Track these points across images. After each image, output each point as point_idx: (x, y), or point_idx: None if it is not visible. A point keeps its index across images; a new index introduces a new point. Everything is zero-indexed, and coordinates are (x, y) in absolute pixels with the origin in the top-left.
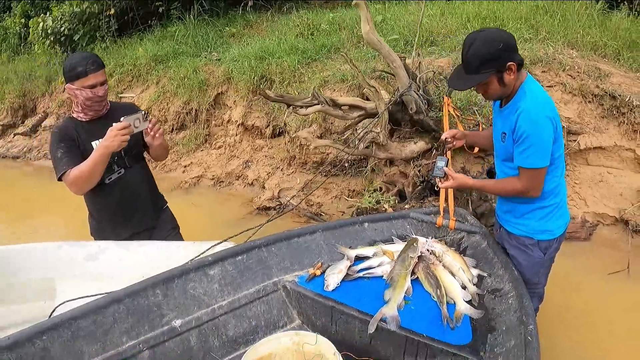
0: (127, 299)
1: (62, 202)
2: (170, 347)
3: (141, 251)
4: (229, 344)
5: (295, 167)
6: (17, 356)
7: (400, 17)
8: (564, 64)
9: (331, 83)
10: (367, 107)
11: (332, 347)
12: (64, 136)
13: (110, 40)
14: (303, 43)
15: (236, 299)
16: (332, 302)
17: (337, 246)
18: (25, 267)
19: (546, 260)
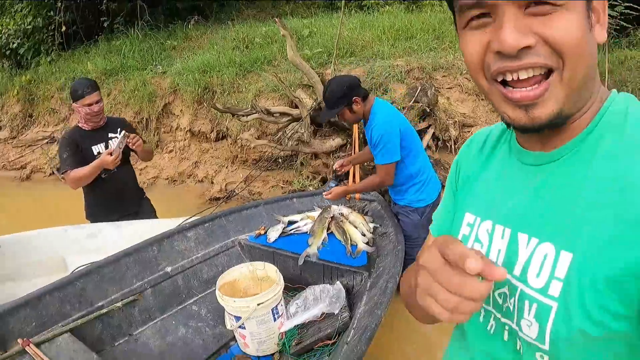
0: (134, 253)
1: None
2: (165, 286)
3: (131, 228)
4: (204, 284)
5: (238, 165)
6: (66, 293)
7: (325, 31)
8: (462, 68)
9: (265, 92)
10: (293, 113)
11: (275, 268)
12: (70, 142)
13: (55, 54)
14: (239, 56)
15: (207, 253)
16: (273, 249)
17: (274, 215)
18: (38, 248)
19: (423, 221)
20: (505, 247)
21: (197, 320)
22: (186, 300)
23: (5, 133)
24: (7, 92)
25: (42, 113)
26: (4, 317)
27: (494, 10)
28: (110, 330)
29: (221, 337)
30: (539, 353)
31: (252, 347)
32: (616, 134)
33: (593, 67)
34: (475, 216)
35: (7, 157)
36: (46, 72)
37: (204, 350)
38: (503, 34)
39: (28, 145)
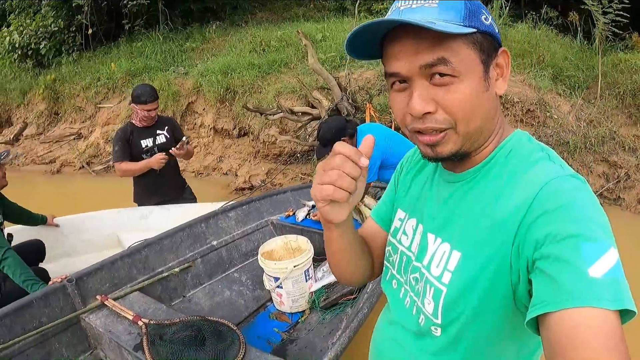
0: (187, 228)
1: (48, 201)
2: (211, 257)
3: (177, 210)
4: (243, 256)
5: (260, 159)
6: (133, 260)
7: (337, 35)
8: None
9: (284, 93)
10: (313, 113)
11: (306, 239)
12: (122, 137)
13: (76, 54)
14: (257, 59)
15: (245, 230)
16: (301, 227)
17: (300, 200)
18: (93, 228)
19: None
20: (419, 241)
21: (238, 285)
22: (229, 269)
23: (33, 130)
24: (31, 91)
25: (68, 111)
26: (84, 279)
27: (409, 80)
28: (168, 292)
29: (259, 298)
30: (434, 326)
31: (287, 305)
32: (503, 165)
33: (489, 117)
34: (405, 213)
35: (35, 152)
36: (70, 72)
37: (245, 309)
38: (412, 103)
39: (55, 141)
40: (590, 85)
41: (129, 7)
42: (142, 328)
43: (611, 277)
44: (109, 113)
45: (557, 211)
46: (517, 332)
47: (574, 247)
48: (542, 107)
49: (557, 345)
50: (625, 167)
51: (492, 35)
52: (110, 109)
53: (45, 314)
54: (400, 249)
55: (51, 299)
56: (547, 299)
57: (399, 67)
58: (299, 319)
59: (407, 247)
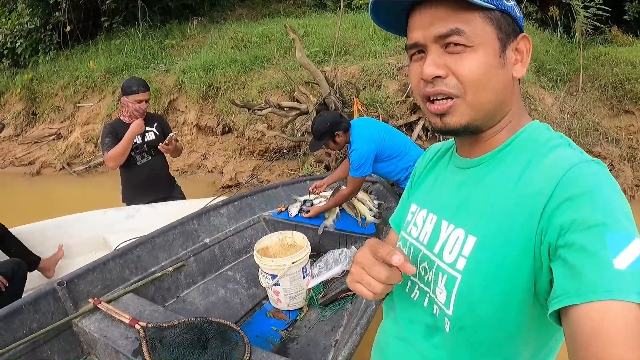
0: (179, 226)
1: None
2: (204, 255)
3: (165, 208)
4: (236, 253)
5: (245, 156)
6: (125, 260)
7: (320, 30)
8: None
9: (268, 89)
10: (301, 108)
11: (302, 235)
12: (112, 131)
13: (53, 53)
14: (239, 55)
15: (237, 227)
16: (294, 222)
17: (291, 195)
18: (79, 230)
19: None
20: (431, 230)
21: (233, 283)
22: (222, 267)
23: (10, 131)
24: (8, 91)
25: (46, 111)
26: (74, 281)
27: (425, 48)
28: (161, 292)
29: (255, 296)
30: (446, 317)
31: (284, 302)
32: (521, 150)
33: (502, 96)
34: (417, 206)
35: (13, 153)
36: (48, 71)
37: (241, 307)
38: (424, 66)
39: (34, 142)
40: (572, 78)
41: (107, 4)
42: (140, 332)
43: (636, 269)
44: (88, 112)
45: (582, 197)
46: (537, 328)
47: (599, 237)
48: (526, 99)
49: (580, 339)
50: (609, 157)
51: (513, 17)
52: (90, 107)
53: (35, 320)
54: (409, 241)
55: (41, 304)
56: (571, 291)
57: (417, 36)
58: (297, 317)
59: (415, 237)
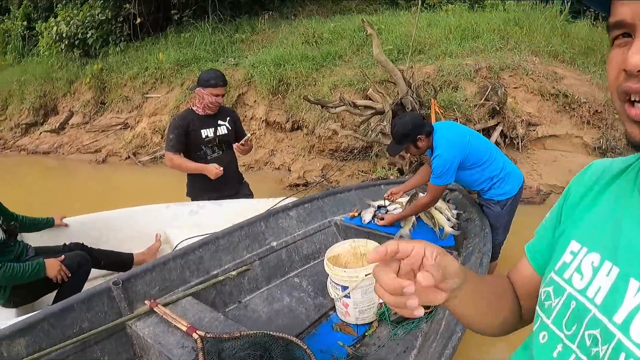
0: (246, 227)
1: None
2: (270, 259)
3: (231, 206)
4: (304, 259)
5: (314, 154)
6: (186, 260)
7: (393, 28)
8: (527, 69)
9: (340, 87)
10: (376, 107)
11: (377, 244)
12: (179, 125)
13: (123, 45)
14: (311, 51)
15: (307, 231)
16: (368, 229)
17: (365, 199)
18: (141, 223)
19: (504, 211)
20: (609, 287)
21: (299, 291)
22: (289, 273)
23: (78, 119)
24: (78, 80)
25: (114, 100)
26: (131, 281)
27: (633, 30)
28: (222, 297)
29: (321, 307)
30: None
31: (353, 316)
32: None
33: None
34: (581, 245)
35: (80, 141)
36: (117, 62)
37: (306, 318)
38: (629, 53)
39: (102, 130)
40: None
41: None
42: (197, 342)
43: None
44: (156, 103)
45: None
46: None
47: None
48: (609, 108)
49: None
50: None
51: None
52: (157, 99)
53: (87, 319)
54: (569, 292)
55: (94, 303)
56: None
57: (624, 12)
58: (365, 332)
59: (581, 289)
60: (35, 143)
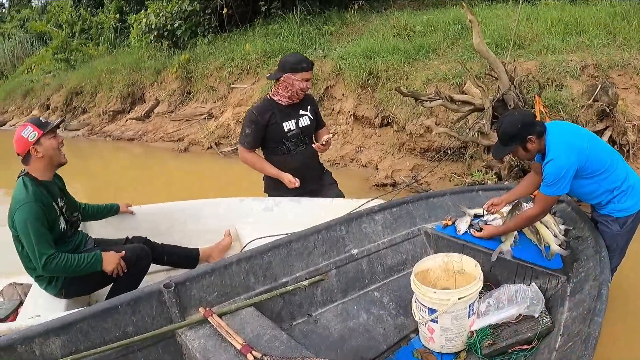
0: (324, 231)
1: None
2: (349, 269)
3: (309, 205)
4: (387, 270)
5: (404, 152)
6: (252, 265)
7: (490, 22)
8: (638, 68)
9: (434, 81)
10: (475, 103)
11: (474, 262)
12: (257, 120)
13: (211, 36)
14: (403, 43)
15: (393, 238)
16: (463, 241)
17: (460, 206)
18: (213, 216)
19: (623, 231)
20: None
21: (378, 307)
22: (369, 286)
23: (164, 107)
24: (165, 70)
25: (200, 90)
26: (186, 284)
27: None
28: (290, 308)
29: (402, 328)
30: None
31: (438, 343)
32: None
33: None
34: None
35: (165, 129)
36: (204, 52)
37: (384, 340)
38: None
39: (186, 119)
40: None
41: None
42: None
43: None
44: (241, 94)
45: None
46: None
47: None
48: None
49: None
50: None
51: None
52: (243, 90)
53: (132, 323)
54: None
55: (142, 306)
56: None
57: None
58: None
59: None
60: (120, 129)
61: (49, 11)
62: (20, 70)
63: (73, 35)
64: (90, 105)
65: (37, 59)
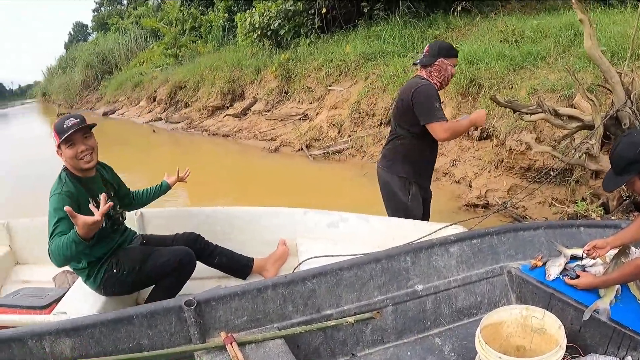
0: (384, 260)
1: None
2: (409, 307)
3: (379, 223)
4: (455, 314)
5: (502, 170)
6: (291, 291)
7: (606, 28)
8: None
9: (540, 92)
10: (584, 118)
11: (558, 321)
12: (437, 97)
13: (314, 37)
14: (509, 50)
15: (468, 276)
16: (551, 289)
17: (555, 244)
18: (272, 226)
19: None
20: None
21: (437, 357)
22: (430, 329)
23: (261, 106)
24: (265, 69)
25: (297, 90)
26: (211, 303)
27: None
28: (331, 344)
29: None
30: None
31: None
32: None
33: None
34: None
35: (259, 127)
36: (304, 53)
37: None
38: None
39: (280, 119)
40: None
41: None
42: None
43: None
44: (337, 96)
45: None
46: None
47: None
48: None
49: None
50: None
51: None
52: (339, 92)
53: (147, 336)
54: None
55: (159, 321)
56: None
57: None
58: None
59: None
60: (217, 125)
61: (162, 9)
62: (132, 63)
63: (183, 33)
64: (192, 100)
65: (149, 54)
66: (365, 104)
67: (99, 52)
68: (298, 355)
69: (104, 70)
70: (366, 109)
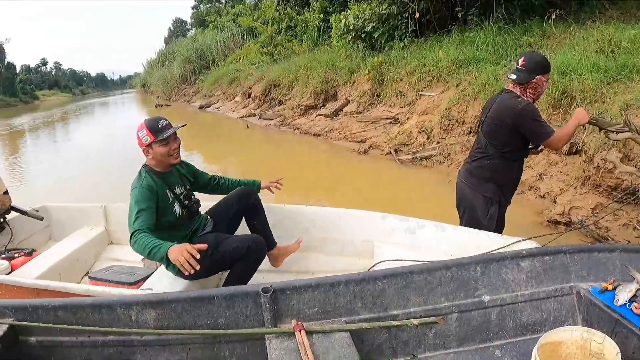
0: (454, 268)
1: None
2: (474, 317)
3: (454, 233)
4: (519, 328)
5: (589, 188)
6: (362, 289)
7: None
8: None
9: (634, 107)
10: None
11: (616, 348)
12: (538, 111)
13: (407, 40)
14: (604, 61)
15: (536, 292)
16: (618, 315)
17: (629, 268)
18: (350, 228)
19: None
20: None
21: None
22: (492, 340)
23: (352, 107)
24: (358, 71)
25: (389, 94)
26: (286, 292)
27: None
28: (393, 343)
29: None
30: None
31: None
32: None
33: None
34: None
35: (349, 129)
36: (397, 57)
37: None
38: None
39: (371, 122)
40: None
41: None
42: None
43: None
44: (429, 102)
45: None
46: None
47: None
48: None
49: None
50: None
51: None
52: (431, 98)
53: (224, 316)
54: None
55: (237, 303)
56: None
57: None
58: None
59: None
60: (309, 124)
61: (259, 8)
62: (229, 59)
63: (279, 32)
64: (286, 98)
65: (245, 51)
66: (456, 111)
67: (197, 47)
68: (361, 350)
69: (202, 65)
70: (456, 117)
